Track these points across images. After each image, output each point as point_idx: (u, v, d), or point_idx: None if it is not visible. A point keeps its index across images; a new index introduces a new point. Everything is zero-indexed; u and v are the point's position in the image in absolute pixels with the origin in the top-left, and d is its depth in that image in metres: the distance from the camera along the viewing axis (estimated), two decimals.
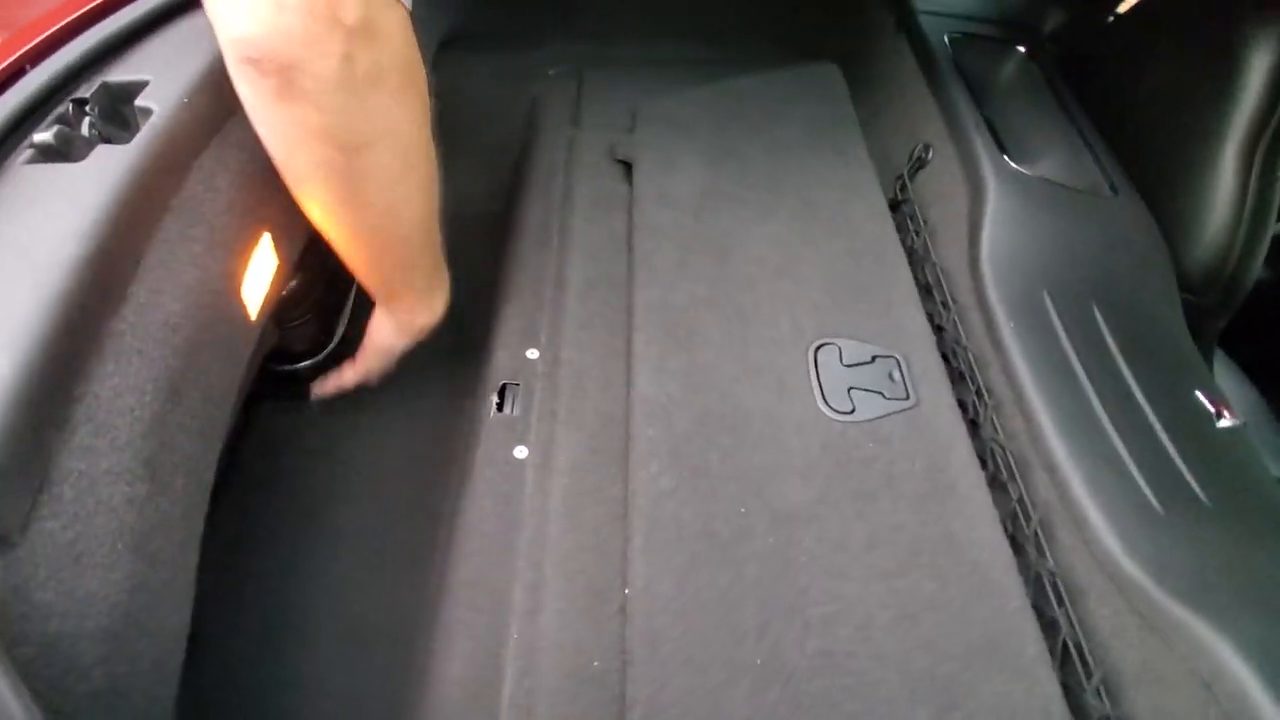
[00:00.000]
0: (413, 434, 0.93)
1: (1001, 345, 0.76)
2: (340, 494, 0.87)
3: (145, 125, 0.46)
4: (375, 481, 0.88)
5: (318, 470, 0.89)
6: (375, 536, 0.84)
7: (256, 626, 0.77)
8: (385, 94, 0.46)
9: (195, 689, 0.73)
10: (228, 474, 0.87)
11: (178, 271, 0.45)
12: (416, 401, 0.96)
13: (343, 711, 0.72)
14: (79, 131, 0.45)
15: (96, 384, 0.37)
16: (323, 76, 0.41)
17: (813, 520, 0.63)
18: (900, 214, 0.97)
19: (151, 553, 0.39)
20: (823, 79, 1.09)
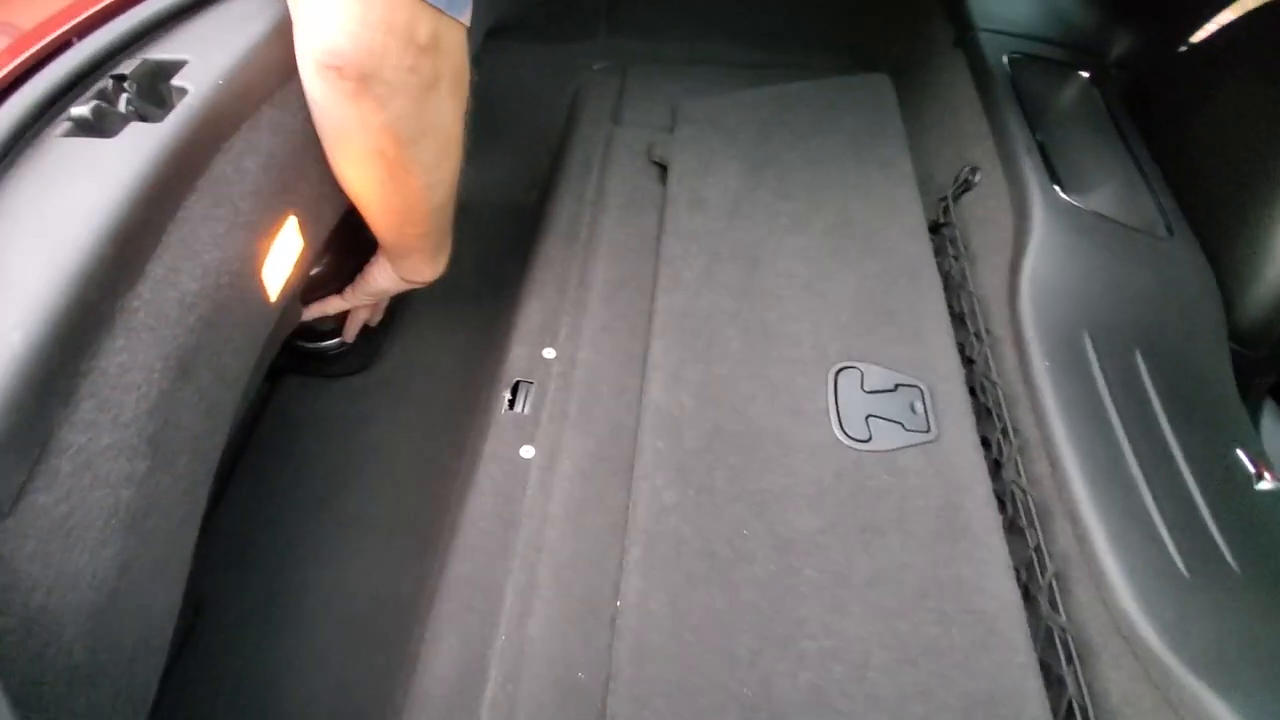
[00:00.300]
0: (430, 422, 0.94)
1: (1033, 384, 0.73)
2: (353, 475, 0.88)
3: (179, 105, 0.46)
4: (388, 466, 0.89)
5: (333, 450, 0.90)
6: (383, 521, 0.85)
7: (261, 599, 0.78)
8: (439, 97, 0.53)
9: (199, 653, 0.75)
10: (246, 446, 0.89)
11: (198, 251, 0.46)
12: (436, 390, 0.97)
13: (333, 694, 0.73)
14: (116, 107, 0.46)
15: (104, 359, 0.38)
16: (393, 84, 0.49)
17: (817, 550, 0.62)
18: (940, 237, 0.94)
19: (147, 530, 0.40)
20: (873, 90, 1.06)
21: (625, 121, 1.01)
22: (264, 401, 0.93)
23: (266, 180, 0.52)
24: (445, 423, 0.93)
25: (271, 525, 0.83)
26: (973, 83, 1.00)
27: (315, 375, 0.96)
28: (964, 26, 1.05)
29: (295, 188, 0.56)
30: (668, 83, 1.07)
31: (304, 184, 0.58)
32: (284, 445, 0.90)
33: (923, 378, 0.75)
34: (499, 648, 0.58)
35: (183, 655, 0.75)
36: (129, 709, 0.39)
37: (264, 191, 0.52)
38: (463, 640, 0.59)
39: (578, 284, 0.82)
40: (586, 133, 1.00)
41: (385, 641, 0.76)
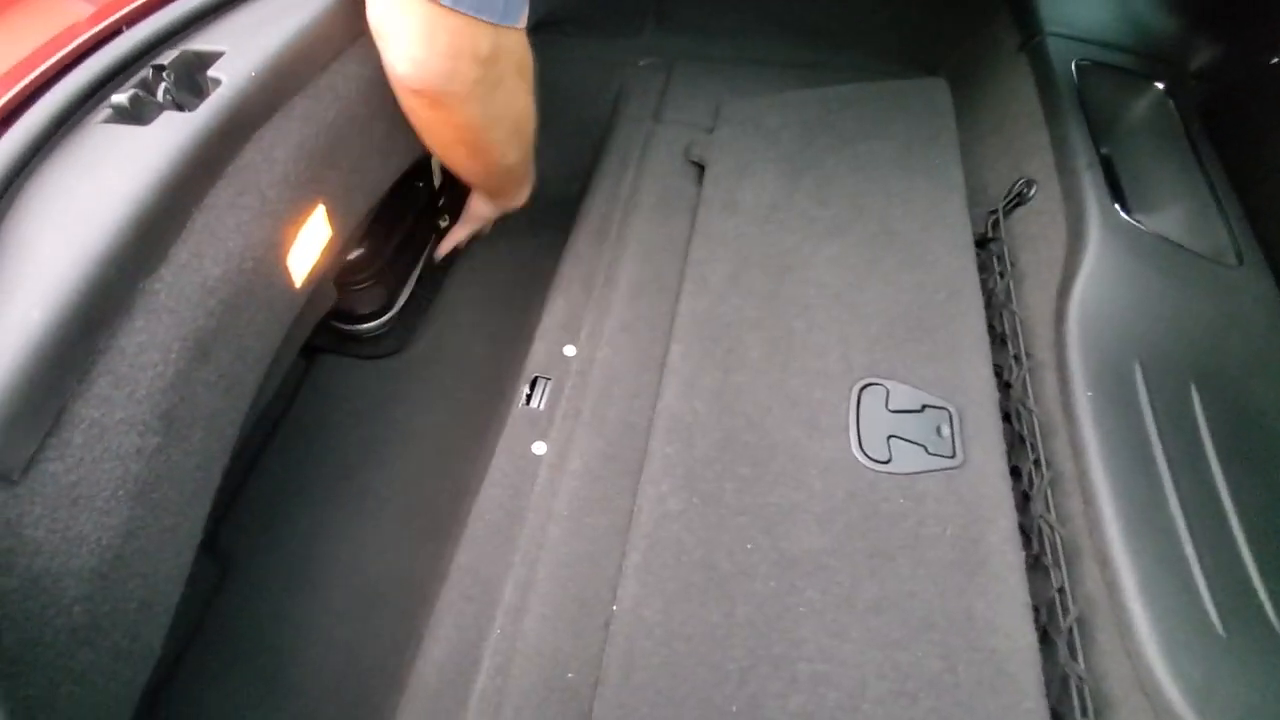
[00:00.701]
0: (456, 409, 0.95)
1: (1073, 414, 0.69)
2: (379, 454, 0.91)
3: (212, 95, 0.48)
4: (413, 448, 0.92)
5: (362, 428, 0.93)
6: (403, 502, 0.87)
7: (284, 563, 0.82)
8: (504, 91, 0.63)
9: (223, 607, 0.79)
10: (282, 419, 0.93)
11: (222, 237, 0.48)
12: (465, 377, 0.99)
13: (342, 660, 0.75)
14: (155, 96, 0.48)
15: (123, 338, 0.40)
16: (463, 94, 0.59)
17: (821, 570, 0.60)
18: (987, 252, 0.89)
19: (155, 501, 0.42)
20: (928, 95, 1.02)
21: (666, 120, 1.00)
22: (301, 378, 0.96)
23: (296, 169, 0.54)
24: (471, 410, 0.94)
25: (299, 495, 0.87)
26: (1035, 90, 0.94)
27: (350, 356, 0.99)
28: (1030, 30, 0.99)
29: (325, 177, 0.58)
30: (713, 81, 1.05)
31: (334, 174, 0.59)
32: (316, 421, 0.93)
33: (952, 400, 0.71)
34: (493, 640, 0.58)
35: (210, 608, 0.79)
36: (130, 667, 0.41)
37: (292, 180, 0.54)
38: (459, 629, 0.60)
39: (604, 282, 0.82)
40: (626, 130, 0.99)
41: (395, 616, 0.79)
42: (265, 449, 0.90)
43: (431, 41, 0.54)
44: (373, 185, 0.67)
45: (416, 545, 0.84)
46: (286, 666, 0.76)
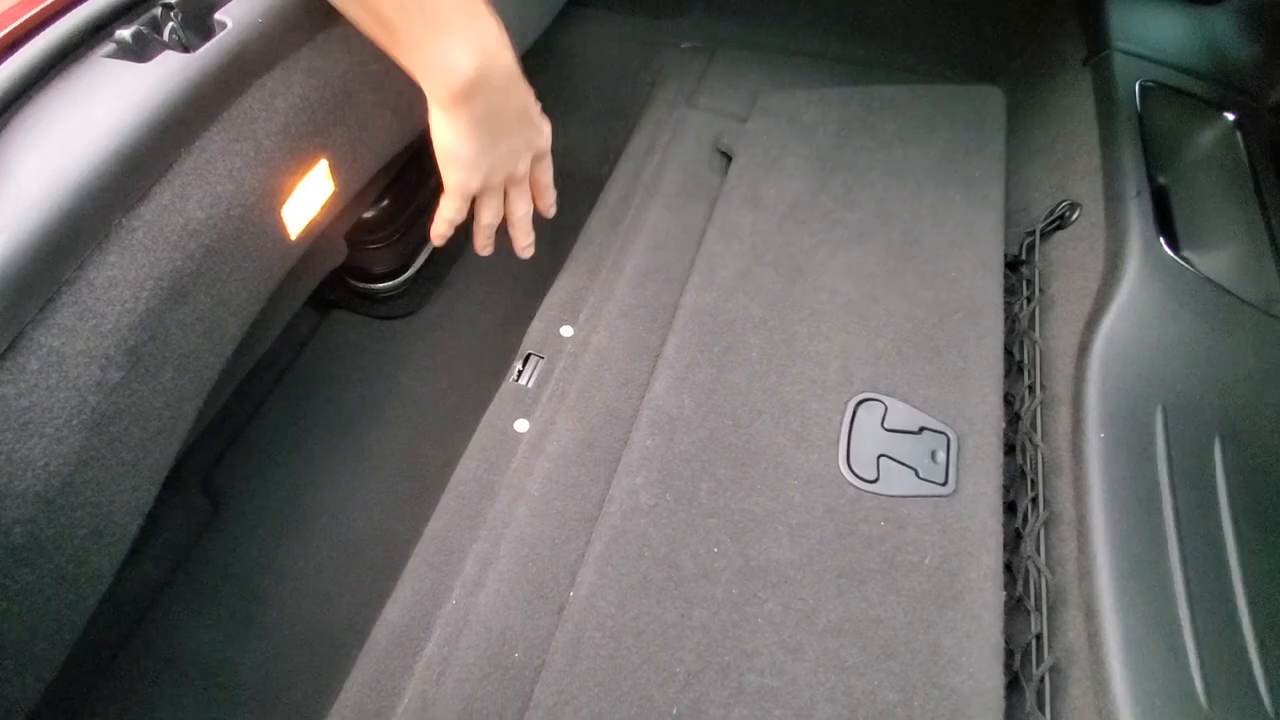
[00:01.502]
0: (458, 376, 0.96)
1: (1082, 454, 0.65)
2: (377, 413, 0.92)
3: (215, 38, 0.48)
4: (411, 411, 0.93)
5: (365, 386, 0.94)
6: (393, 464, 0.88)
7: (273, 508, 0.84)
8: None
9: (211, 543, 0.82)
10: (290, 368, 0.95)
11: (212, 181, 0.48)
12: (471, 346, 0.99)
13: (316, 608, 0.77)
14: (160, 34, 0.48)
15: (93, 271, 0.40)
16: None
17: (786, 583, 0.58)
18: (1017, 275, 0.85)
19: (114, 434, 0.43)
20: (979, 103, 0.97)
21: (700, 106, 0.98)
22: (312, 331, 0.98)
23: (297, 121, 0.54)
24: (472, 381, 0.95)
25: (296, 444, 0.89)
26: (1094, 109, 0.89)
27: (363, 314, 1.00)
28: (1097, 44, 0.93)
29: (329, 132, 0.58)
30: (755, 70, 1.02)
31: (339, 129, 0.59)
32: (322, 373, 0.95)
33: (954, 425, 0.68)
34: (447, 610, 0.58)
35: (199, 541, 0.81)
36: (73, 590, 0.42)
37: (293, 132, 0.54)
38: (417, 595, 0.60)
39: (611, 266, 0.80)
40: (658, 113, 0.97)
41: (371, 573, 0.80)
42: (269, 396, 0.92)
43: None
44: (384, 145, 0.67)
45: (401, 507, 0.85)
46: (263, 608, 0.78)
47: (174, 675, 0.73)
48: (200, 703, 0.72)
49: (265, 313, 0.68)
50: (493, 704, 0.53)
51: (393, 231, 0.92)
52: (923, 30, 1.10)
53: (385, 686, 0.56)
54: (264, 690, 0.74)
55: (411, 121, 0.69)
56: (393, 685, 0.56)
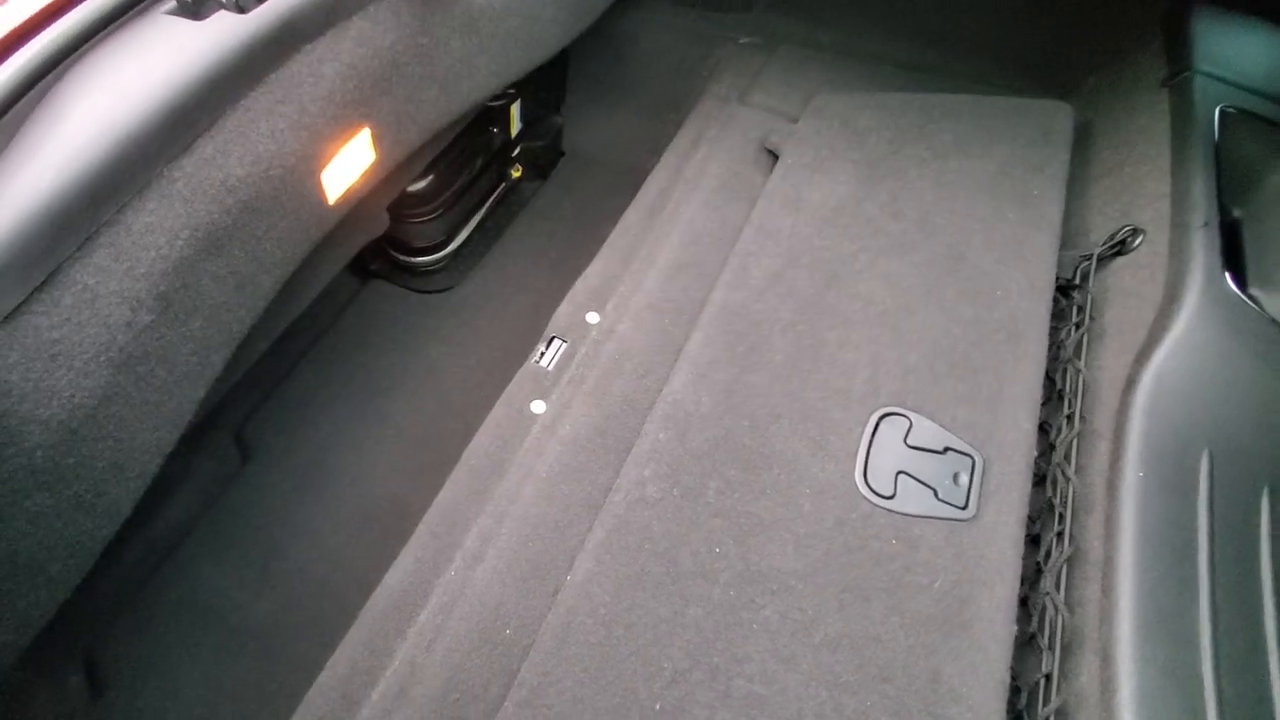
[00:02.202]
0: (487, 354, 0.97)
1: (1117, 492, 0.62)
2: (406, 383, 0.94)
3: (269, 1, 0.49)
4: (438, 384, 0.94)
5: (397, 356, 0.96)
6: (416, 433, 0.90)
7: (299, 466, 0.86)
8: None
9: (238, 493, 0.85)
10: (326, 333, 0.97)
11: (253, 140, 0.49)
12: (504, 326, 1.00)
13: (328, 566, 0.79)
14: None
15: (131, 216, 0.42)
16: None
17: (786, 591, 0.57)
18: (1068, 300, 0.81)
19: (140, 374, 0.45)
20: (1046, 119, 0.93)
21: (753, 103, 0.96)
22: (351, 298, 1.01)
23: (343, 88, 0.55)
24: (500, 360, 0.96)
25: (325, 406, 0.91)
26: (1169, 132, 0.84)
27: (401, 286, 1.02)
28: (1179, 64, 0.88)
29: (374, 102, 0.59)
30: (813, 70, 1.00)
31: (385, 100, 0.60)
32: (356, 340, 0.97)
33: (981, 448, 0.66)
34: (445, 580, 0.59)
35: (226, 490, 0.85)
36: (90, 519, 0.44)
37: (338, 98, 0.55)
38: (418, 563, 0.61)
39: (644, 257, 0.80)
40: (708, 108, 0.96)
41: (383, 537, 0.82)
42: (304, 357, 0.94)
43: None
44: (430, 119, 0.68)
45: (419, 476, 0.87)
46: (279, 560, 0.81)
47: (190, 615, 0.76)
48: (211, 644, 0.75)
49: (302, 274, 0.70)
50: (478, 677, 0.53)
51: (436, 206, 0.94)
52: (994, 40, 1.06)
53: (378, 648, 0.57)
54: (271, 639, 0.76)
55: (459, 97, 0.70)
56: (385, 647, 0.57)
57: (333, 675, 0.56)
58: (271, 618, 0.77)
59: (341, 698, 0.55)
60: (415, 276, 1.03)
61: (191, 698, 0.73)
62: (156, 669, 0.74)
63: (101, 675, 0.73)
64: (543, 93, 1.05)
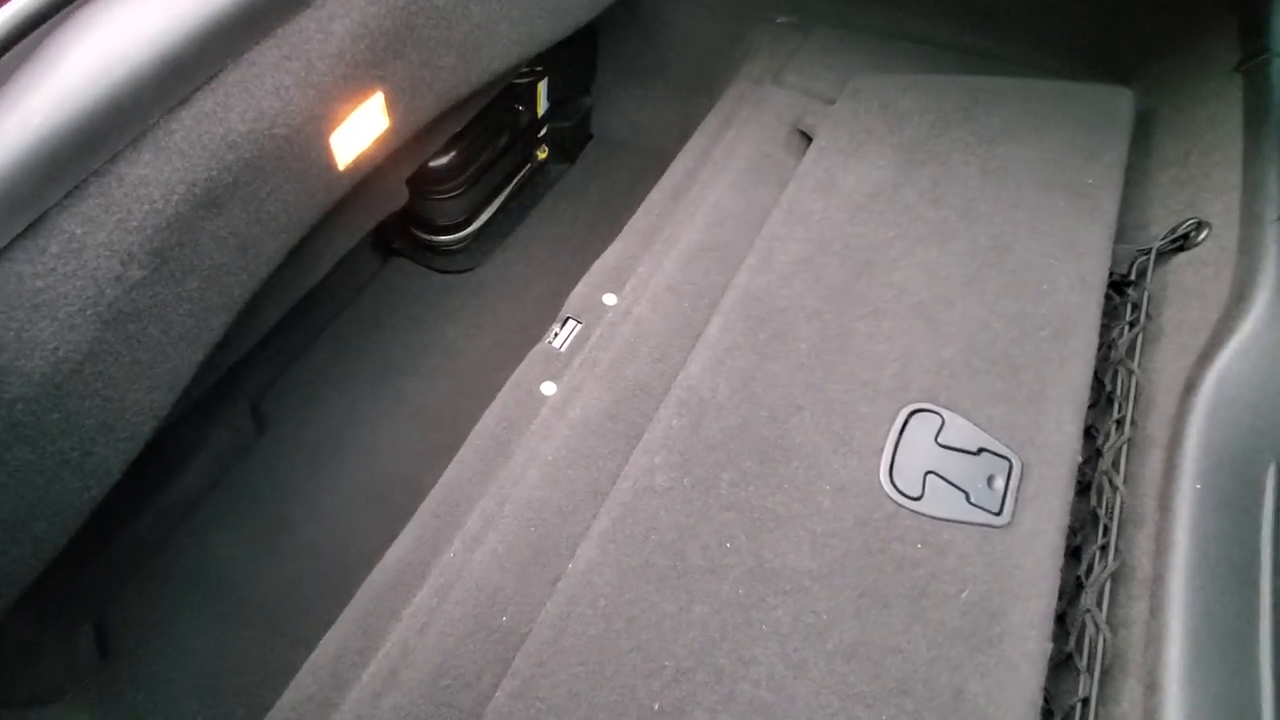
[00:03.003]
0: (504, 335, 0.95)
1: (1170, 505, 0.57)
2: (421, 362, 0.93)
3: None
4: (453, 365, 0.93)
5: (413, 335, 0.95)
6: (429, 413, 0.88)
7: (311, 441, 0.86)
8: None
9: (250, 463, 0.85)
10: (346, 308, 0.97)
11: (258, 96, 0.48)
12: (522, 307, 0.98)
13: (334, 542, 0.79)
14: None
15: (124, 166, 0.41)
16: None
17: (799, 592, 0.53)
18: (1121, 297, 0.75)
19: (131, 332, 0.43)
20: (1104, 105, 0.87)
21: (787, 84, 0.92)
22: (372, 276, 1.00)
23: (354, 49, 0.54)
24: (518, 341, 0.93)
25: (341, 382, 0.91)
26: (1241, 120, 0.77)
27: (422, 265, 1.01)
28: (1255, 47, 0.81)
29: (387, 64, 0.57)
30: (852, 51, 0.95)
31: (399, 64, 0.58)
32: (375, 318, 0.96)
33: (1019, 450, 0.61)
34: (444, 561, 0.57)
35: (240, 461, 0.84)
36: (76, 477, 0.43)
37: (348, 59, 0.53)
38: (418, 542, 0.59)
39: (665, 239, 0.77)
40: (740, 89, 0.92)
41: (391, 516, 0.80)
42: (323, 333, 0.94)
43: None
44: (447, 87, 0.66)
45: (430, 456, 0.85)
46: (287, 534, 0.80)
47: (197, 583, 0.76)
48: (216, 614, 0.75)
49: (315, 244, 0.69)
50: (470, 664, 0.51)
51: (458, 184, 0.92)
52: (1046, 22, 0.99)
53: (371, 628, 0.55)
54: (275, 612, 0.75)
55: (478, 66, 0.68)
56: (379, 628, 0.55)
57: (324, 654, 0.54)
58: (277, 591, 0.77)
59: (331, 677, 0.53)
60: (437, 256, 1.01)
61: (194, 666, 0.73)
62: (163, 635, 0.74)
63: (109, 637, 0.74)
64: (571, 71, 1.02)
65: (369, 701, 0.51)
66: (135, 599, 0.75)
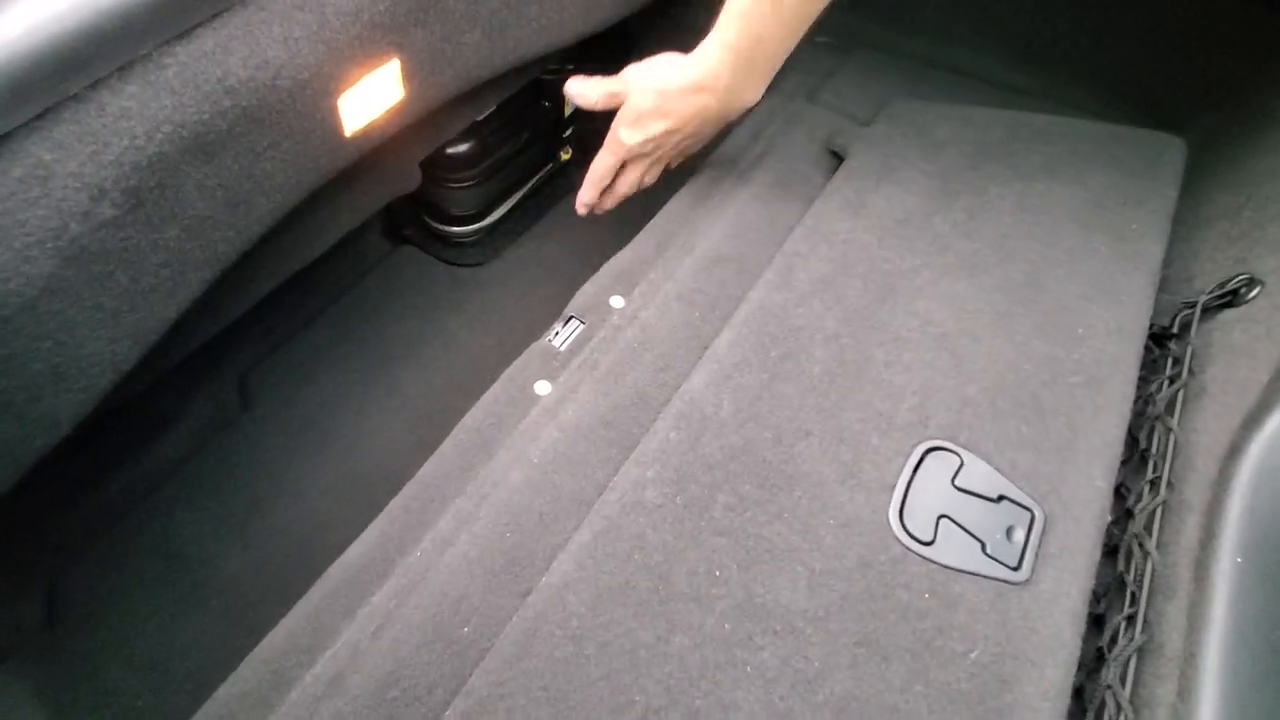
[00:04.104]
0: (507, 339, 0.92)
1: (1208, 578, 0.52)
2: (419, 356, 0.89)
3: None
4: (451, 361, 0.89)
5: (414, 325, 0.92)
6: (420, 407, 0.85)
7: (297, 424, 0.82)
8: None
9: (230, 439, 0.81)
10: (348, 291, 0.94)
11: (263, 44, 0.45)
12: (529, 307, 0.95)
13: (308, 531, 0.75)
14: None
15: (106, 95, 0.38)
16: None
17: (791, 634, 0.49)
18: (1162, 350, 0.70)
19: (95, 274, 0.40)
20: (1153, 153, 0.83)
21: (821, 102, 0.89)
22: (379, 260, 0.97)
23: (372, 9, 0.51)
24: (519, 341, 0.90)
25: (334, 365, 0.87)
26: None
27: (432, 255, 0.99)
28: None
29: (407, 31, 0.55)
30: (891, 77, 0.93)
31: (419, 31, 0.56)
32: (377, 304, 0.93)
33: (1043, 502, 0.56)
34: (409, 561, 0.53)
35: (219, 437, 0.81)
36: (18, 426, 0.40)
37: (365, 19, 0.51)
38: (384, 537, 0.55)
39: (681, 245, 0.73)
40: (772, 103, 0.90)
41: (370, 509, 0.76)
42: (322, 313, 0.91)
43: None
44: (468, 64, 0.63)
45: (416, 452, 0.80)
46: (258, 518, 0.76)
47: (158, 561, 0.72)
48: (173, 595, 0.71)
49: (319, 215, 0.66)
50: (423, 676, 0.47)
51: (475, 175, 0.89)
52: (1098, 63, 0.96)
53: (323, 625, 0.51)
54: (235, 598, 0.71)
55: (503, 48, 0.65)
56: (330, 625, 0.51)
57: (269, 648, 0.50)
58: (240, 576, 0.73)
59: (273, 674, 0.49)
60: (448, 247, 0.99)
61: (144, 646, 0.69)
62: (115, 610, 0.70)
63: (59, 606, 0.70)
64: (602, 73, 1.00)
65: (308, 705, 0.46)
66: (90, 570, 0.71)
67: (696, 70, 0.61)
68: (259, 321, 0.84)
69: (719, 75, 0.61)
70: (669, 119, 0.62)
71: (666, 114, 0.62)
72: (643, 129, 0.63)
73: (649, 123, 0.63)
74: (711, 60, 0.60)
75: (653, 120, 0.62)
